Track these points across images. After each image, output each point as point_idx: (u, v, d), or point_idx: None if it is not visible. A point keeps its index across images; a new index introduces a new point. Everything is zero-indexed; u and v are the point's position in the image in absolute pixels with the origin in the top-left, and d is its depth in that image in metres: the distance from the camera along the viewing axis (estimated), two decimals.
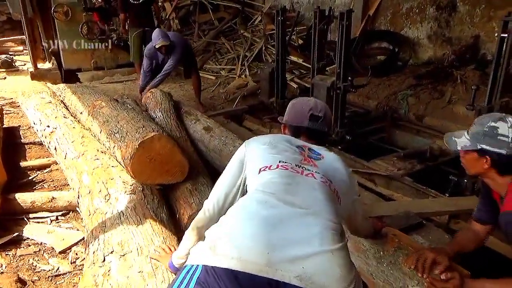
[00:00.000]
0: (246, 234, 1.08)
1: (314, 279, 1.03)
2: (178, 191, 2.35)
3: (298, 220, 1.13)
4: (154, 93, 3.81)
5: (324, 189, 1.25)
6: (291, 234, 1.09)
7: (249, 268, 1.02)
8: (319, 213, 1.16)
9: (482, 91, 3.47)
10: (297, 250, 1.06)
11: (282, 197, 1.17)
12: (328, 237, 1.11)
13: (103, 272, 1.61)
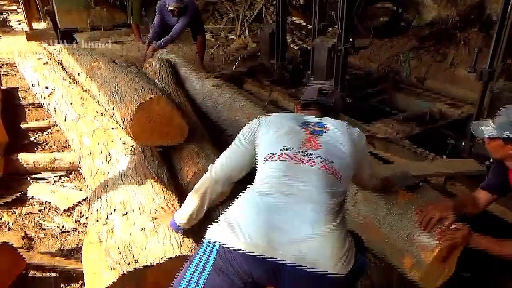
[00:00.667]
0: (251, 221, 1.25)
1: (308, 259, 1.19)
2: (185, 151, 2.37)
3: (294, 208, 1.28)
4: (152, 63, 3.77)
5: (321, 175, 1.36)
6: (288, 220, 1.25)
7: (255, 250, 1.20)
8: (314, 200, 1.30)
9: (485, 54, 3.42)
10: (293, 234, 1.22)
11: (281, 188, 1.33)
12: (320, 220, 1.26)
13: (107, 230, 1.67)
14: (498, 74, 3.04)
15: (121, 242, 1.59)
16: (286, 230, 1.22)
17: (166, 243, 1.60)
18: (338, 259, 1.23)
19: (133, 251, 1.55)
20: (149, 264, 1.51)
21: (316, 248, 1.21)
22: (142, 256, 1.53)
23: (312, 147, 1.42)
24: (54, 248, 2.03)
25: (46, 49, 4.44)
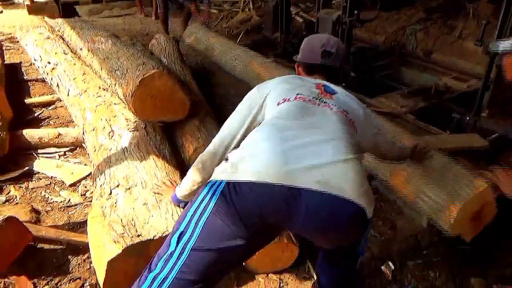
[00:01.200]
0: (265, 151, 1.18)
1: (332, 183, 1.12)
2: (186, 126, 2.39)
3: (312, 137, 1.22)
4: (158, 39, 3.77)
5: (339, 117, 1.32)
6: (307, 148, 1.19)
7: (269, 179, 1.11)
8: (333, 132, 1.26)
9: (494, 26, 3.33)
10: (313, 160, 1.15)
11: (298, 121, 1.27)
12: (341, 149, 1.21)
13: (110, 204, 1.70)
14: None
15: (124, 216, 1.63)
16: (306, 157, 1.16)
17: (168, 217, 1.63)
18: (362, 192, 1.15)
19: (136, 225, 1.59)
20: (152, 237, 1.55)
21: (339, 173, 1.15)
22: (145, 230, 1.57)
23: (328, 98, 1.37)
24: (60, 221, 2.08)
25: (47, 23, 4.39)
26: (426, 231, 2.38)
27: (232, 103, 3.47)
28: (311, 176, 1.12)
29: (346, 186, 1.13)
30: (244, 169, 1.16)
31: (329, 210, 1.13)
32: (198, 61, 4.40)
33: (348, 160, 1.19)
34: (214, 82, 3.91)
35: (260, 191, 1.11)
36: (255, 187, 1.12)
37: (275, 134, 1.23)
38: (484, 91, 3.16)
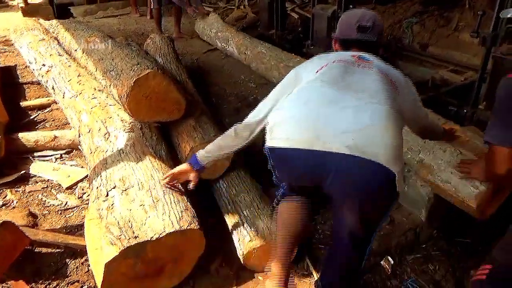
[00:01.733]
0: (299, 116, 1.23)
1: (366, 149, 1.14)
2: (182, 126, 2.38)
3: (350, 100, 1.22)
4: (153, 39, 3.77)
5: (380, 77, 1.31)
6: (343, 112, 1.19)
7: (301, 145, 1.18)
8: (373, 95, 1.24)
9: (490, 17, 3.32)
10: (347, 125, 1.17)
11: (337, 82, 1.28)
12: (380, 113, 1.20)
13: (107, 206, 1.70)
14: (501, 38, 2.97)
15: (121, 218, 1.62)
16: (339, 121, 1.18)
17: (165, 218, 1.63)
18: (392, 156, 1.15)
19: (133, 226, 1.58)
20: (149, 239, 1.54)
21: (374, 138, 1.16)
22: (142, 231, 1.56)
23: (366, 63, 1.37)
24: (58, 224, 2.07)
25: (41, 24, 4.37)
26: (424, 225, 2.37)
27: (228, 102, 3.50)
28: (342, 141, 1.14)
29: (380, 152, 1.14)
30: (278, 135, 1.24)
31: (359, 173, 1.16)
32: (193, 60, 4.38)
33: (387, 125, 1.19)
34: (209, 81, 3.91)
35: (292, 155, 1.20)
36: (287, 153, 1.20)
37: (312, 98, 1.26)
38: (481, 83, 3.15)
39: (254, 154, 2.80)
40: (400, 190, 1.21)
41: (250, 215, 1.94)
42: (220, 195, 2.18)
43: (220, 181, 2.23)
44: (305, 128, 1.19)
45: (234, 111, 3.38)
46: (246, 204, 2.02)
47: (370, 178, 1.16)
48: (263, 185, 2.29)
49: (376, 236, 2.23)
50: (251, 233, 1.85)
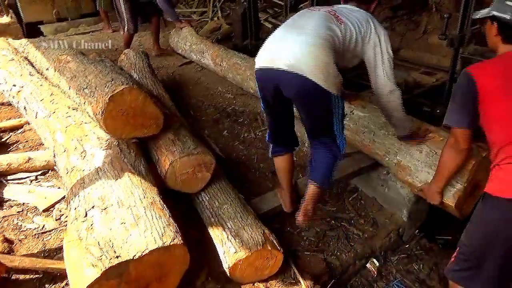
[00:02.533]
0: (264, 48, 1.83)
1: (297, 67, 1.68)
2: (161, 140, 2.35)
3: (292, 35, 1.77)
4: (127, 54, 3.73)
5: (324, 15, 1.83)
6: (287, 41, 1.76)
7: (265, 64, 1.79)
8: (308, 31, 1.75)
9: (456, 19, 3.44)
10: (288, 52, 1.71)
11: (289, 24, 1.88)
12: (308, 44, 1.70)
13: (86, 227, 1.65)
14: (468, 39, 3.07)
15: (102, 238, 1.58)
16: (283, 49, 1.73)
17: (147, 235, 1.60)
18: (318, 73, 1.67)
19: (114, 246, 1.54)
20: (132, 257, 1.50)
21: (302, 59, 1.68)
22: (124, 250, 1.53)
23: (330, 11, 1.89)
24: (35, 249, 2.00)
25: (11, 44, 4.26)
26: (406, 225, 2.41)
27: (207, 114, 3.49)
28: (284, 60, 1.70)
29: (306, 69, 1.67)
30: (258, 58, 1.84)
31: (295, 83, 1.71)
32: (169, 74, 4.36)
33: (311, 51, 1.68)
34: (187, 94, 3.89)
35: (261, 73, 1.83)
36: (261, 70, 1.82)
37: (274, 35, 1.85)
38: (452, 83, 3.24)
39: (233, 165, 2.80)
40: (335, 93, 1.75)
41: (234, 226, 1.93)
42: (202, 208, 2.16)
43: (202, 193, 2.21)
44: (265, 54, 1.81)
45: (213, 122, 3.37)
46: (229, 215, 2.01)
47: (301, 86, 1.71)
48: (246, 195, 2.29)
49: (360, 239, 2.26)
50: (236, 244, 1.83)
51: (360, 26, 1.85)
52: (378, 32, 1.88)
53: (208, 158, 2.20)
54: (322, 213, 2.44)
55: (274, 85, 1.79)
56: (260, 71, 1.83)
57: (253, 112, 3.45)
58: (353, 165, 2.48)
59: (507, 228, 1.40)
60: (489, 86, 1.45)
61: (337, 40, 1.77)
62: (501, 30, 1.51)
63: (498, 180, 1.45)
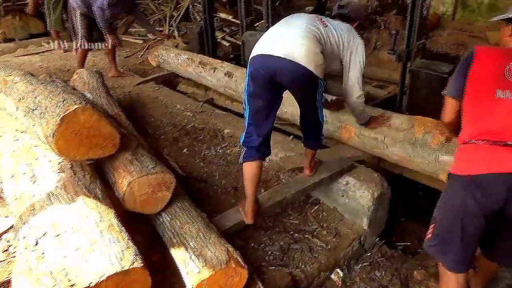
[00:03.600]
0: (264, 39, 2.12)
1: (292, 55, 1.97)
2: (117, 161, 2.27)
3: (286, 31, 2.08)
4: (80, 74, 3.62)
5: (312, 17, 2.20)
6: (283, 37, 2.05)
7: (265, 51, 2.03)
8: (299, 27, 2.07)
9: (403, 36, 3.64)
10: (284, 43, 2.01)
11: (282, 24, 2.18)
12: (301, 38, 2.02)
13: (37, 256, 1.55)
14: (414, 53, 3.26)
15: (55, 266, 1.48)
16: (279, 41, 2.03)
17: (105, 260, 1.52)
18: (310, 61, 1.98)
19: (68, 274, 1.45)
20: (88, 285, 1.42)
21: (296, 49, 1.98)
22: (80, 277, 1.44)
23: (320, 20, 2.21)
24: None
25: None
26: (367, 233, 2.46)
27: (165, 132, 3.43)
28: (281, 50, 1.99)
29: (299, 57, 1.97)
30: (254, 50, 2.10)
31: (290, 69, 1.98)
32: (125, 93, 4.27)
33: (302, 43, 2.00)
34: (144, 114, 3.81)
35: (264, 58, 2.03)
36: (261, 56, 2.04)
37: (271, 31, 2.16)
38: (402, 96, 3.40)
39: (194, 184, 2.76)
40: (321, 76, 2.06)
41: (197, 245, 1.88)
42: (163, 229, 2.09)
43: (162, 214, 2.15)
44: (263, 45, 2.08)
45: (173, 141, 3.32)
46: (191, 235, 1.96)
47: (296, 71, 1.98)
48: (208, 213, 2.25)
49: (324, 251, 2.28)
50: (199, 264, 1.79)
51: (342, 33, 2.21)
52: (356, 42, 2.25)
53: (168, 177, 2.15)
54: (286, 227, 2.44)
55: (270, 71, 2.01)
56: (260, 57, 2.04)
57: (213, 129, 3.44)
58: (313, 177, 2.52)
59: (465, 202, 1.56)
60: (481, 59, 1.63)
61: (322, 37, 2.11)
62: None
63: (458, 160, 1.67)
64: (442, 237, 1.68)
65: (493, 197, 1.54)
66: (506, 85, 1.57)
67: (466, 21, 5.51)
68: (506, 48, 1.72)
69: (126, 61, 5.21)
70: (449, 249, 1.66)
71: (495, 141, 1.54)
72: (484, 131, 1.58)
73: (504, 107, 1.56)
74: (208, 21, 5.04)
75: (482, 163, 1.55)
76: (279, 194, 2.39)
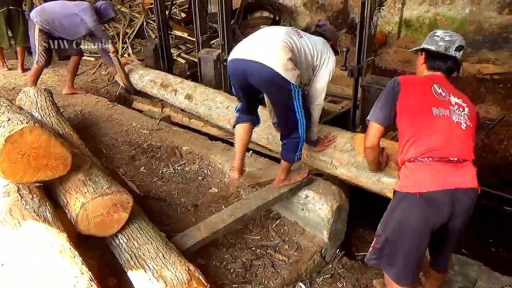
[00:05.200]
0: (240, 45, 2.35)
1: (263, 59, 2.15)
2: (69, 182, 2.16)
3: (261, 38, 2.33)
4: (26, 92, 3.42)
5: (287, 28, 2.38)
6: (257, 43, 2.29)
7: (238, 56, 2.29)
8: (274, 35, 2.27)
9: (353, 52, 3.81)
10: (257, 48, 2.24)
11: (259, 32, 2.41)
12: (274, 44, 2.19)
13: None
14: (365, 69, 3.41)
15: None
16: (252, 47, 2.25)
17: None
18: (278, 64, 2.12)
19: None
20: None
21: (267, 53, 2.17)
22: None
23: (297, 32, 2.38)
24: None
25: None
26: (328, 246, 2.50)
27: (121, 151, 3.33)
28: (253, 54, 2.20)
29: (269, 60, 2.14)
30: (230, 55, 2.36)
31: (259, 71, 2.17)
32: (77, 112, 4.10)
33: (275, 47, 2.17)
34: (98, 132, 3.68)
35: (235, 62, 2.30)
36: (234, 61, 2.31)
37: (245, 39, 2.38)
38: (355, 110, 3.54)
39: (153, 203, 2.68)
40: (293, 81, 2.16)
41: (156, 266, 1.82)
42: (120, 251, 2.00)
43: (119, 236, 2.06)
44: (238, 50, 2.32)
45: (129, 160, 3.22)
46: (150, 256, 1.89)
47: (265, 73, 2.15)
48: (168, 232, 2.19)
49: (286, 265, 2.28)
50: (159, 286, 1.72)
51: (316, 45, 2.36)
52: (328, 55, 2.40)
53: (125, 197, 2.07)
54: (247, 243, 2.42)
55: (242, 73, 2.25)
56: (234, 61, 2.29)
57: (170, 147, 3.38)
58: (273, 192, 2.53)
59: (415, 218, 1.65)
60: (407, 87, 1.81)
61: (294, 46, 2.23)
62: (427, 59, 1.91)
63: (405, 178, 1.72)
64: (387, 251, 1.75)
65: (441, 212, 1.63)
66: (439, 103, 1.72)
67: (409, 39, 5.87)
68: (423, 77, 1.91)
69: (77, 79, 5.02)
70: (394, 263, 1.74)
71: (440, 158, 1.64)
72: (428, 148, 1.67)
73: (442, 123, 1.69)
74: (164, 38, 5.00)
75: (430, 180, 1.63)
76: (240, 210, 2.37)
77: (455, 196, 1.62)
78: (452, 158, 1.64)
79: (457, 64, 1.88)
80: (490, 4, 5.03)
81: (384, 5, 3.37)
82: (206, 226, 2.25)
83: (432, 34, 1.92)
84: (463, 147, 1.69)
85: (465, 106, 1.78)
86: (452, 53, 1.84)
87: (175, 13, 7.20)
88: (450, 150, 1.66)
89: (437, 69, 1.88)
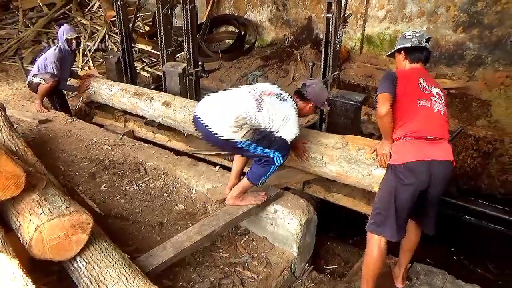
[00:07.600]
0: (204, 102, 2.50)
1: (212, 124, 2.34)
2: (22, 203, 2.01)
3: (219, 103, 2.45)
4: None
5: (250, 101, 2.39)
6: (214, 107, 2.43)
7: (199, 115, 2.42)
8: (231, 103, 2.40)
9: (319, 67, 3.86)
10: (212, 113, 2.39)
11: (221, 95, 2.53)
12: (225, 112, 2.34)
13: None
14: (330, 83, 3.46)
15: None
16: (209, 110, 2.41)
17: None
18: (222, 130, 2.31)
19: None
20: None
21: (215, 120, 2.35)
22: None
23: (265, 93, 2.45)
24: None
25: None
26: (297, 260, 2.46)
27: (80, 168, 3.17)
28: (207, 117, 2.38)
29: (215, 127, 2.33)
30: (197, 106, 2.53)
31: (208, 134, 2.38)
32: (33, 127, 3.89)
33: (221, 118, 2.33)
34: (56, 149, 3.49)
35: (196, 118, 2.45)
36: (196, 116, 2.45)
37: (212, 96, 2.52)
38: (321, 123, 3.57)
39: (115, 222, 2.55)
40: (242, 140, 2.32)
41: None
42: (79, 275, 1.87)
43: (78, 259, 1.93)
44: (201, 108, 2.46)
45: (89, 177, 3.06)
46: (112, 280, 1.77)
47: (214, 138, 2.36)
48: (131, 253, 2.08)
49: (255, 282, 2.23)
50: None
51: (275, 118, 2.36)
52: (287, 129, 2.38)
53: (84, 217, 1.95)
54: (215, 260, 2.35)
55: (200, 130, 2.45)
56: (196, 116, 2.46)
57: (134, 163, 3.25)
58: (241, 207, 2.48)
59: (399, 183, 2.02)
60: (401, 79, 2.15)
61: (248, 121, 2.33)
62: (407, 55, 2.27)
63: (393, 153, 2.10)
64: (382, 215, 2.08)
65: (421, 178, 2.00)
66: (423, 96, 2.12)
67: (371, 55, 6.06)
68: (410, 69, 2.27)
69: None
70: (385, 223, 2.07)
71: (419, 137, 2.04)
72: (411, 131, 2.07)
73: (423, 112, 2.09)
74: (127, 51, 4.89)
75: (411, 153, 2.03)
76: (208, 227, 2.30)
77: (431, 166, 1.99)
78: (429, 136, 2.04)
79: (429, 53, 2.28)
80: (445, 22, 5.29)
81: (348, 21, 3.44)
82: (172, 245, 2.17)
83: (402, 36, 2.32)
84: (438, 128, 2.08)
85: (442, 95, 2.19)
86: (424, 45, 2.23)
87: (138, 26, 7.08)
88: (428, 131, 2.05)
89: (418, 60, 2.26)
